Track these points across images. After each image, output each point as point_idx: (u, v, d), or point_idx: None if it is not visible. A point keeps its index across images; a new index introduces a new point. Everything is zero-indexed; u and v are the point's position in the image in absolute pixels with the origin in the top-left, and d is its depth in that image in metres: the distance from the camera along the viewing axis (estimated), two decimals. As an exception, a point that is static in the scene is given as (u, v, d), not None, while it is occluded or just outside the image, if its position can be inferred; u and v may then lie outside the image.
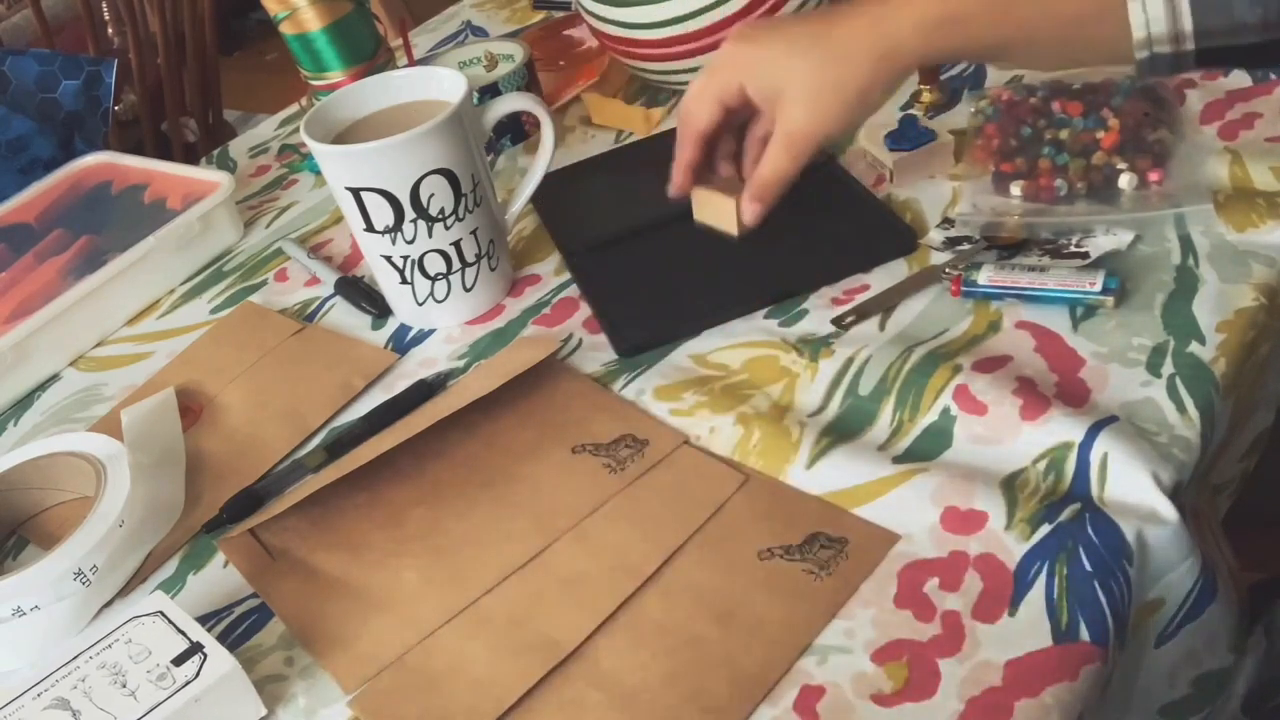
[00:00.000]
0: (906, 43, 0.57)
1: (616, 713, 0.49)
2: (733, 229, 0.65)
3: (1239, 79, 0.77)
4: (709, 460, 0.60)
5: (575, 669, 0.52)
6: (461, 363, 0.72)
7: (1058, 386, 0.59)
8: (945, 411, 0.59)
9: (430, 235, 0.70)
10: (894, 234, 0.71)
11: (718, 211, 0.66)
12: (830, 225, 0.74)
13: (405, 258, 0.71)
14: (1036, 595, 0.50)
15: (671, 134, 0.89)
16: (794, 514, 0.56)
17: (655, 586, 0.54)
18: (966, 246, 0.69)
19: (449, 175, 0.69)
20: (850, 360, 0.63)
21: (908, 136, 0.77)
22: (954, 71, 0.87)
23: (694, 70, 0.90)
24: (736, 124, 0.65)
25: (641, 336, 0.69)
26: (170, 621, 0.54)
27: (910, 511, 0.55)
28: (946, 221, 0.72)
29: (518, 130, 0.93)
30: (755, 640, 0.51)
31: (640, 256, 0.76)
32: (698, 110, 0.63)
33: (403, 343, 0.75)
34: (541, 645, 0.53)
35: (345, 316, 0.80)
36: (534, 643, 0.53)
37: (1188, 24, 0.50)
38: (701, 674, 0.50)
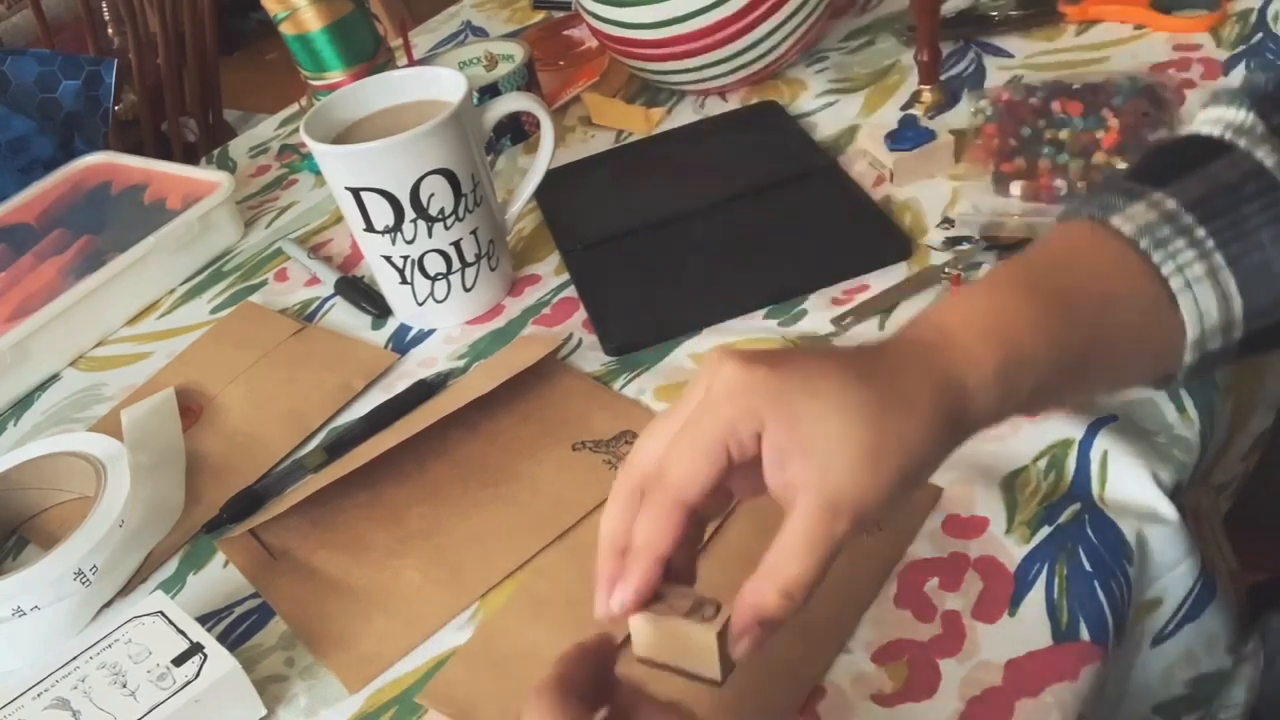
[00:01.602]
0: (976, 400, 0.41)
1: (686, 680, 0.49)
2: (714, 672, 0.41)
3: (1239, 78, 0.77)
4: None
5: None
6: (461, 363, 0.72)
7: (1058, 386, 0.59)
8: (945, 411, 0.59)
9: (430, 235, 0.70)
10: (888, 239, 0.71)
11: (687, 648, 0.41)
12: (825, 229, 0.74)
13: (405, 258, 0.71)
14: (1036, 595, 0.50)
15: (672, 134, 0.90)
16: None
17: (710, 556, 0.54)
18: (966, 246, 0.69)
19: (449, 175, 0.69)
20: (850, 360, 0.63)
21: (908, 136, 0.77)
22: (954, 71, 0.87)
23: (694, 70, 0.89)
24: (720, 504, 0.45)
25: (630, 336, 0.69)
26: (170, 621, 0.54)
27: (910, 512, 0.55)
28: (946, 221, 0.72)
29: (518, 130, 0.93)
30: (819, 600, 0.50)
31: (637, 256, 0.76)
32: (691, 466, 0.40)
33: (403, 343, 0.75)
34: (605, 622, 0.53)
35: (345, 316, 0.80)
36: (597, 620, 0.53)
37: (1238, 308, 0.44)
38: (772, 636, 0.50)
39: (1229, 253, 0.43)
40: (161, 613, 0.55)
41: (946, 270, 0.67)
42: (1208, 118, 0.48)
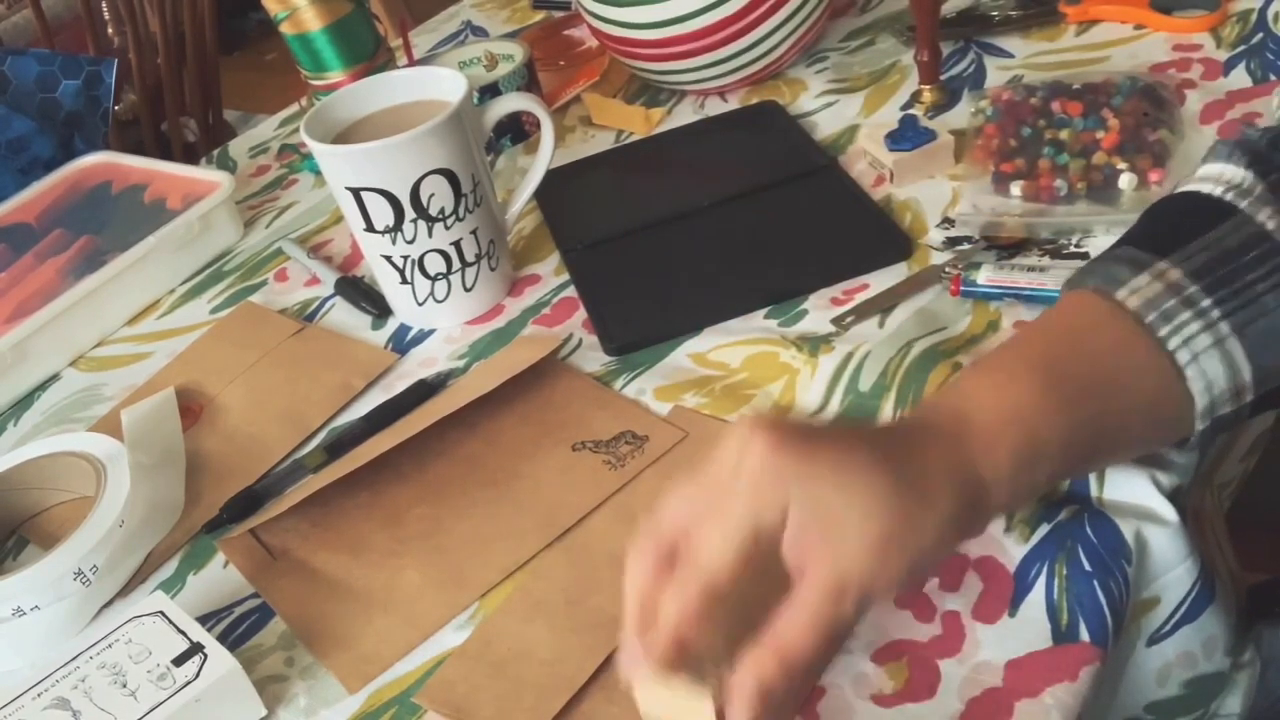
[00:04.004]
0: (990, 493, 0.42)
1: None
2: None
3: (1239, 78, 0.77)
4: None
5: None
6: (461, 363, 0.72)
7: (1057, 387, 0.59)
8: (945, 411, 0.59)
9: (430, 235, 0.70)
10: (888, 239, 0.71)
11: (680, 711, 0.42)
12: (826, 229, 0.74)
13: (405, 258, 0.71)
14: (1036, 595, 0.50)
15: (672, 134, 0.90)
16: None
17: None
18: (966, 246, 0.69)
19: (449, 175, 0.69)
20: (850, 356, 0.63)
21: (908, 136, 0.77)
22: (954, 71, 0.87)
23: (694, 70, 0.90)
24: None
25: (630, 336, 0.69)
26: (170, 621, 0.54)
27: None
28: (946, 221, 0.72)
29: (518, 130, 0.93)
30: None
31: (637, 256, 0.76)
32: (720, 547, 0.40)
33: (403, 343, 0.75)
34: (604, 622, 0.53)
35: (345, 316, 0.80)
36: (595, 620, 0.53)
37: (1246, 374, 0.44)
38: None
39: (1235, 321, 0.44)
40: (161, 613, 0.55)
41: (946, 270, 0.67)
42: (1207, 174, 0.49)
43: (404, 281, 0.73)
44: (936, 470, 0.42)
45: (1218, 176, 0.48)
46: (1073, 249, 0.66)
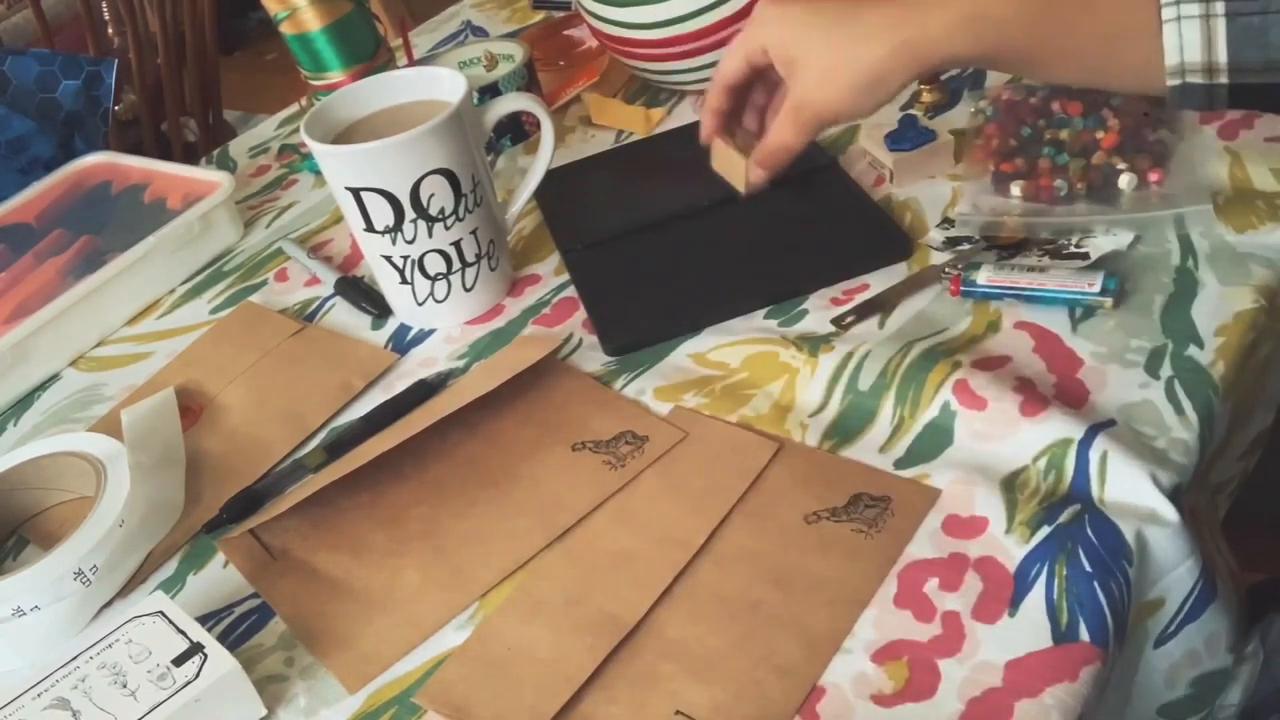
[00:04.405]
0: (932, 33, 0.56)
1: (692, 681, 0.50)
2: (741, 186, 0.68)
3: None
4: (741, 431, 0.61)
5: (642, 643, 0.52)
6: (461, 363, 0.72)
7: (1056, 387, 0.59)
8: (945, 407, 0.59)
9: (430, 235, 0.70)
10: (888, 239, 0.71)
11: (730, 166, 0.69)
12: (825, 229, 0.74)
13: (405, 258, 0.71)
14: (1036, 595, 0.50)
15: (672, 134, 0.91)
16: (833, 478, 0.57)
17: (707, 557, 0.55)
18: (966, 246, 0.69)
19: (449, 175, 0.69)
20: (850, 355, 0.63)
21: (908, 136, 0.77)
22: (954, 71, 0.87)
23: (694, 70, 0.90)
24: (770, 78, 0.66)
25: (629, 336, 0.69)
26: (170, 621, 0.54)
27: (910, 512, 0.55)
28: (946, 221, 0.72)
29: (518, 130, 0.93)
30: (817, 600, 0.52)
31: (637, 256, 0.76)
32: (726, 64, 0.65)
33: (403, 343, 0.75)
34: (603, 622, 0.53)
35: (345, 316, 0.80)
36: (595, 620, 0.53)
37: (1222, 56, 0.49)
38: (770, 636, 0.51)
39: (1233, 7, 0.47)
40: (161, 613, 0.55)
41: (946, 270, 0.67)
42: None
43: (404, 281, 0.73)
44: (883, 18, 0.57)
45: None
46: (1072, 249, 0.66)
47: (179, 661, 0.52)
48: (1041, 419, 0.56)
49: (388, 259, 0.72)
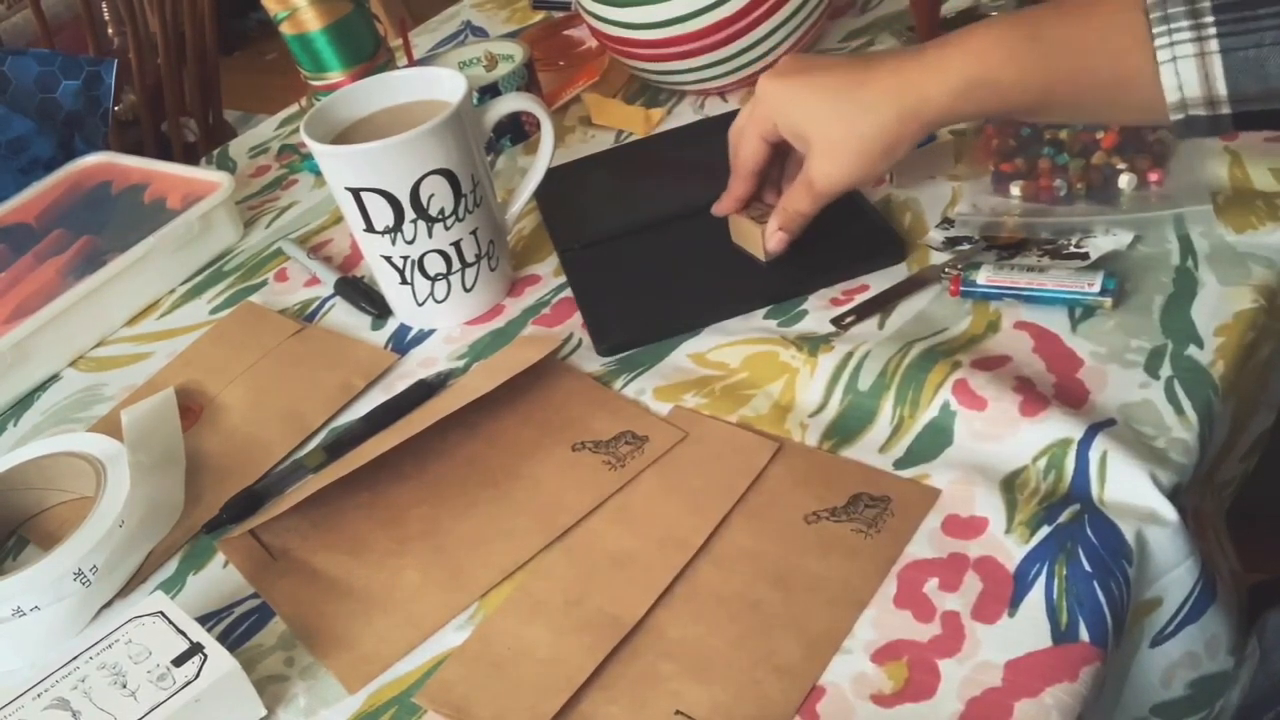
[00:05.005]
0: (935, 101, 0.58)
1: (691, 680, 0.50)
2: (760, 254, 0.71)
3: None
4: (741, 431, 0.61)
5: (642, 643, 0.52)
6: (461, 363, 0.72)
7: (1056, 387, 0.59)
8: (945, 407, 0.59)
9: (430, 235, 0.70)
10: (888, 239, 0.71)
11: (748, 236, 0.71)
12: (825, 230, 0.74)
13: (405, 258, 0.71)
14: (1036, 595, 0.50)
15: (672, 134, 0.91)
16: (833, 477, 0.57)
17: (707, 557, 0.55)
18: (966, 246, 0.69)
19: (449, 175, 0.69)
20: (849, 355, 0.63)
21: (907, 137, 0.77)
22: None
23: (694, 70, 0.90)
24: (783, 150, 0.69)
25: (622, 336, 0.69)
26: (170, 622, 0.54)
27: (910, 512, 0.55)
28: (946, 221, 0.72)
29: (518, 130, 0.93)
30: (816, 600, 0.52)
31: (635, 256, 0.76)
32: (747, 150, 0.68)
33: (403, 343, 0.75)
34: (603, 623, 0.53)
35: (345, 316, 0.80)
36: (595, 620, 0.53)
37: (1222, 89, 0.50)
38: (769, 636, 0.51)
39: (1227, 43, 0.48)
40: (161, 613, 0.55)
41: (946, 270, 0.67)
42: None
43: (404, 282, 0.73)
44: (885, 89, 0.59)
45: None
46: (1072, 249, 0.66)
47: (179, 662, 0.52)
48: (1041, 419, 0.56)
49: (388, 259, 0.72)
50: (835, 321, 0.67)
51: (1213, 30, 0.49)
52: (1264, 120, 0.51)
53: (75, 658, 0.54)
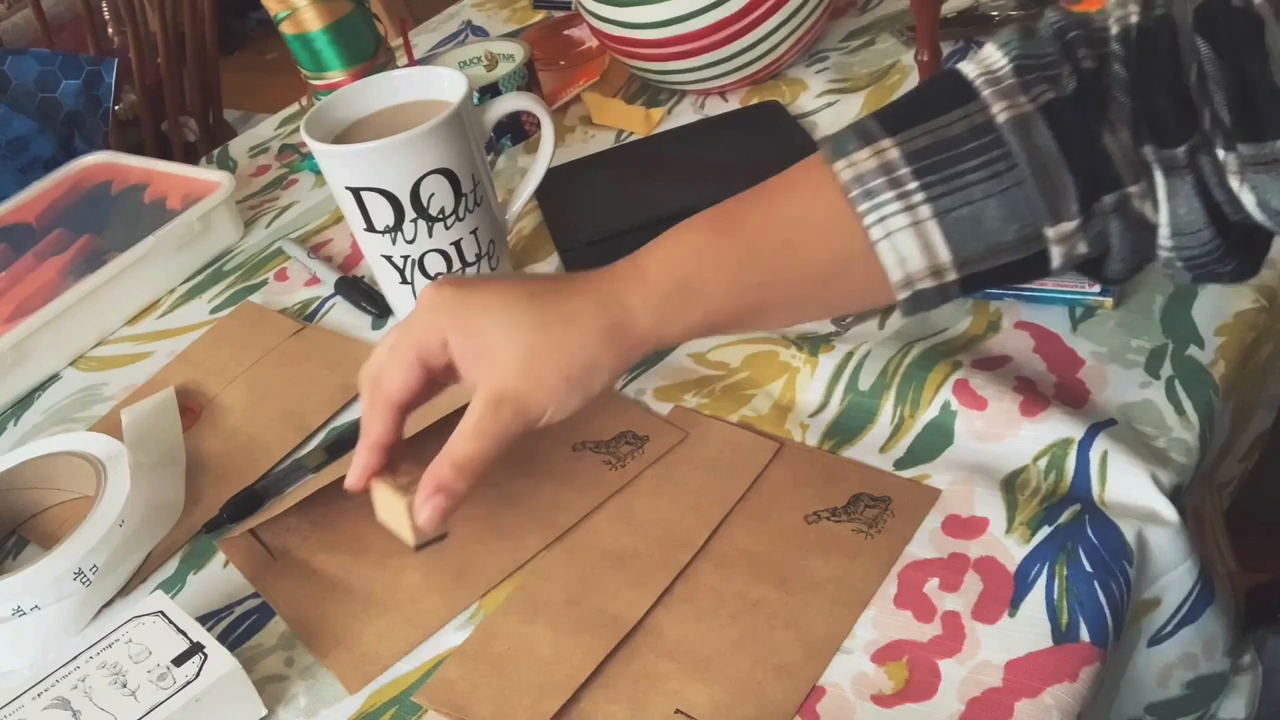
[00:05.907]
0: (638, 316, 0.48)
1: (691, 680, 0.50)
2: (409, 537, 0.49)
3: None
4: (741, 431, 0.61)
5: (642, 642, 0.52)
6: (461, 363, 0.72)
7: (1056, 387, 0.59)
8: (945, 406, 0.59)
9: (430, 235, 0.70)
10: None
11: (394, 513, 0.49)
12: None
13: (405, 258, 0.71)
14: (1036, 596, 0.50)
15: (672, 134, 0.90)
16: (833, 477, 0.57)
17: (707, 557, 0.55)
18: (966, 247, 0.69)
19: (449, 175, 0.69)
20: (850, 355, 0.63)
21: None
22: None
23: (694, 70, 0.90)
24: (435, 393, 0.52)
25: None
26: (170, 621, 0.54)
27: (910, 512, 0.55)
28: (946, 222, 0.72)
29: (518, 130, 0.93)
30: (817, 600, 0.52)
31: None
32: (393, 377, 0.49)
33: (403, 343, 0.75)
34: (603, 622, 0.53)
35: (345, 316, 0.80)
36: (595, 620, 0.53)
37: (945, 255, 0.46)
38: (769, 636, 0.51)
39: (937, 207, 0.45)
40: (161, 613, 0.55)
41: (946, 270, 0.67)
42: (982, 54, 0.48)
43: (404, 281, 0.73)
44: (582, 300, 0.48)
45: (984, 59, 0.47)
46: (1073, 249, 0.66)
47: (179, 661, 0.52)
48: (1042, 419, 0.56)
49: (388, 259, 0.72)
50: (835, 321, 0.67)
51: (920, 196, 0.45)
52: (989, 279, 0.47)
53: (75, 657, 0.54)
